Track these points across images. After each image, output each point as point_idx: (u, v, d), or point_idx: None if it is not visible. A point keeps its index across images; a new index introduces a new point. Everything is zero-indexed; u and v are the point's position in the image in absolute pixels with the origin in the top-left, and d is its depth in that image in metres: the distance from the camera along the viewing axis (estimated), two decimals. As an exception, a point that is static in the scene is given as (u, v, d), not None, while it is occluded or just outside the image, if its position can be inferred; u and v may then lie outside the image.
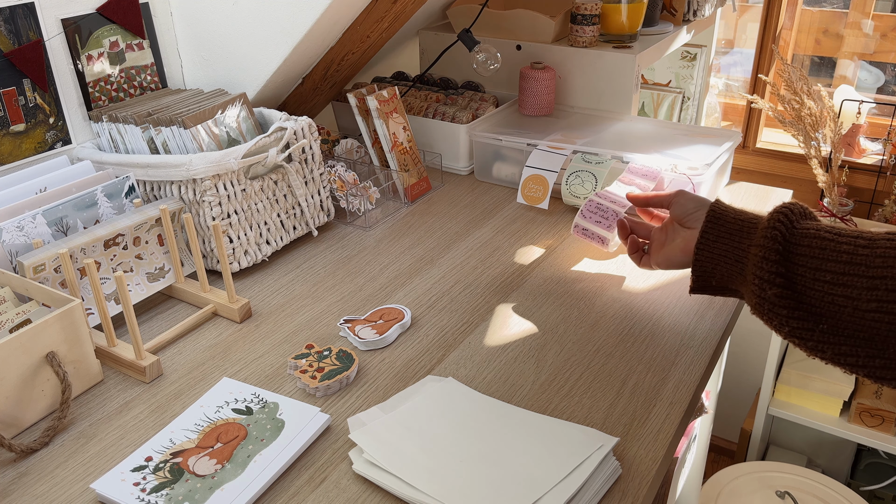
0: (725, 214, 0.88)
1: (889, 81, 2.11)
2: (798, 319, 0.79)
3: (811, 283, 0.78)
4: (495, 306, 1.01)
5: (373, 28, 1.28)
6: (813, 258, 0.79)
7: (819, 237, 0.79)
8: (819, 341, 0.78)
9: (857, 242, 0.77)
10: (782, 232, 0.81)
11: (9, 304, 0.86)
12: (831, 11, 2.10)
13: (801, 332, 0.79)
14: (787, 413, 1.97)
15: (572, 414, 0.81)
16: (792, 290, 0.79)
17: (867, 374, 0.77)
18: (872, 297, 0.74)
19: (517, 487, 0.69)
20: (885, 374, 0.75)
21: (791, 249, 0.81)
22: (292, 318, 0.99)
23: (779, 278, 0.80)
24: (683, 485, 1.45)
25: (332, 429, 0.79)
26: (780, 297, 0.79)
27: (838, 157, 1.88)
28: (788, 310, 0.79)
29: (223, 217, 1.05)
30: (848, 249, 0.77)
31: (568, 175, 1.25)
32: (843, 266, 0.76)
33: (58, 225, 0.95)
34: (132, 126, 1.09)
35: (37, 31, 1.05)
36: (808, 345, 0.79)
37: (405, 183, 1.31)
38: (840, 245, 0.77)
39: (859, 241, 0.77)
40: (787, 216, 0.82)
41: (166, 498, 0.69)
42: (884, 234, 0.77)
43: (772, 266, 0.80)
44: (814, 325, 0.78)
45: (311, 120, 1.15)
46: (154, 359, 0.88)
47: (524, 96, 1.46)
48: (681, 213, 0.95)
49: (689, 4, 1.66)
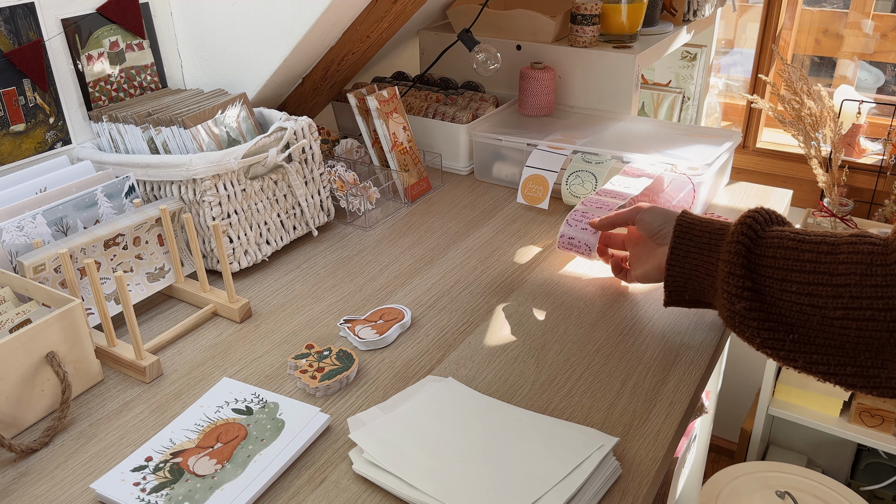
0: (692, 228, 0.88)
1: (889, 81, 2.11)
2: (768, 330, 0.79)
3: (779, 293, 0.78)
4: (495, 306, 1.01)
5: (373, 28, 1.28)
6: (778, 269, 0.78)
7: (783, 246, 0.79)
8: (790, 350, 0.78)
9: (819, 249, 0.76)
10: (746, 245, 0.81)
11: (9, 304, 0.86)
12: (831, 11, 2.10)
13: (772, 342, 0.79)
14: (787, 413, 1.97)
15: (572, 414, 0.81)
16: (761, 302, 0.79)
17: (839, 382, 0.76)
18: (838, 304, 0.74)
19: (517, 487, 0.69)
20: (856, 381, 0.75)
21: (756, 261, 0.80)
22: (292, 318, 0.99)
23: (746, 291, 0.79)
24: (683, 485, 1.45)
25: (332, 429, 0.80)
26: (748, 309, 0.79)
27: (838, 157, 1.88)
28: (758, 321, 0.79)
29: (223, 217, 1.05)
30: (811, 258, 0.76)
31: (568, 175, 1.25)
32: (807, 276, 0.76)
33: (58, 225, 0.95)
34: (132, 126, 1.09)
35: (37, 31, 1.06)
36: (779, 354, 0.79)
37: (405, 183, 1.31)
38: (803, 254, 0.77)
39: (822, 247, 0.76)
40: (751, 227, 0.82)
41: (166, 498, 0.69)
42: (847, 236, 0.76)
43: (738, 280, 0.80)
44: (784, 335, 0.78)
45: (311, 120, 1.15)
46: (154, 359, 0.88)
47: (524, 96, 1.46)
48: (648, 231, 0.95)
49: (689, 4, 1.66)
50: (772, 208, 0.86)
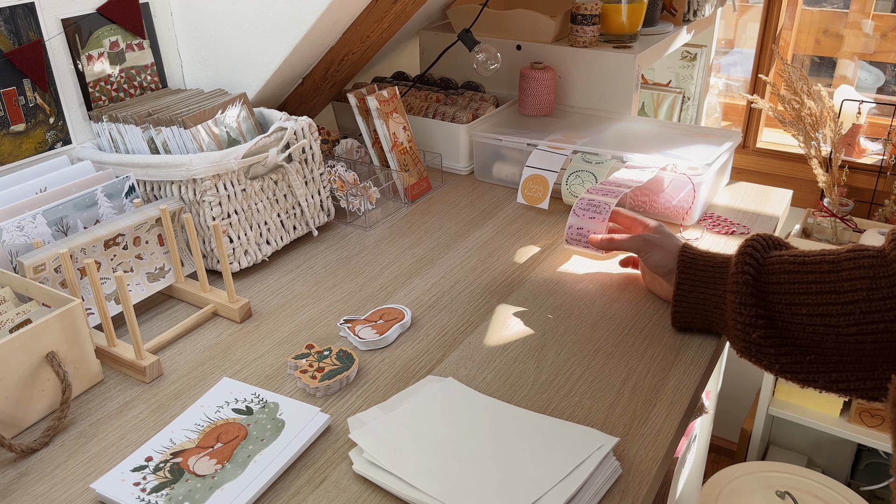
0: (696, 263, 0.90)
1: (889, 81, 2.11)
2: (786, 355, 0.80)
3: (790, 317, 0.79)
4: (495, 306, 1.01)
5: (373, 28, 1.28)
6: (785, 294, 0.80)
7: (785, 271, 0.80)
8: (809, 372, 0.79)
9: (821, 269, 0.78)
10: (752, 274, 0.82)
11: (9, 304, 0.86)
12: (831, 11, 2.10)
13: (791, 366, 0.80)
14: (787, 413, 1.97)
15: (572, 414, 0.81)
16: (774, 329, 0.80)
17: (861, 396, 0.77)
18: (851, 321, 0.74)
19: (517, 487, 0.69)
20: (878, 394, 0.76)
21: (763, 289, 0.81)
22: (292, 318, 0.99)
23: (759, 320, 0.80)
24: (683, 485, 1.45)
25: (332, 429, 0.79)
26: (764, 337, 0.80)
27: (838, 157, 1.88)
28: (775, 348, 0.80)
29: (223, 217, 1.05)
30: (815, 279, 0.78)
31: (568, 175, 1.25)
32: (815, 297, 0.77)
33: (58, 225, 0.95)
34: (132, 126, 1.09)
35: (37, 31, 1.06)
36: (799, 377, 0.80)
37: (405, 183, 1.31)
38: (806, 276, 0.78)
39: (823, 266, 0.78)
40: (752, 255, 0.83)
41: (166, 498, 0.69)
42: (844, 252, 0.77)
43: (750, 310, 0.81)
44: (801, 358, 0.79)
45: (311, 120, 1.15)
46: (154, 359, 0.88)
47: (524, 96, 1.46)
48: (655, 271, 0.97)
49: (689, 4, 1.66)
50: (768, 233, 0.87)
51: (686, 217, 1.19)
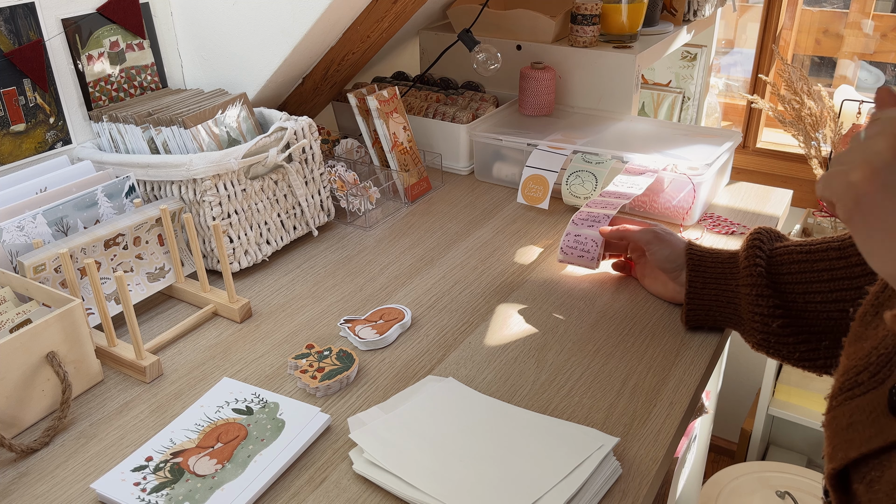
0: (704, 260, 0.91)
1: (889, 81, 2.11)
2: (804, 343, 0.81)
3: (803, 304, 0.81)
4: (495, 306, 1.01)
5: (373, 28, 1.28)
6: (799, 283, 0.81)
7: (794, 261, 0.82)
8: (826, 357, 0.80)
9: (829, 256, 0.79)
10: (763, 266, 0.83)
11: (9, 304, 0.86)
12: (831, 11, 2.10)
13: (808, 353, 0.81)
14: (787, 413, 1.97)
15: (572, 414, 0.81)
16: (791, 318, 0.81)
17: None
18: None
19: (517, 487, 0.69)
20: None
21: (775, 279, 0.83)
22: (292, 318, 0.99)
23: (777, 310, 0.82)
24: (683, 485, 1.45)
25: (333, 429, 0.79)
26: (783, 326, 0.82)
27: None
28: (794, 336, 0.81)
29: (223, 217, 1.05)
30: (825, 266, 0.79)
31: (568, 175, 1.25)
32: (827, 283, 0.79)
33: (58, 225, 0.95)
34: (132, 126, 1.09)
35: (37, 31, 1.06)
36: (817, 364, 0.81)
37: (405, 183, 1.31)
38: (815, 264, 0.80)
39: (830, 252, 0.79)
40: (760, 248, 0.84)
41: (166, 498, 0.69)
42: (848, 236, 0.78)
43: (768, 300, 0.82)
44: (817, 344, 0.80)
45: (311, 120, 1.15)
46: (154, 359, 0.88)
47: (524, 96, 1.46)
48: (660, 267, 0.97)
49: (689, 4, 1.66)
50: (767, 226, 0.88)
51: (686, 217, 1.19)
